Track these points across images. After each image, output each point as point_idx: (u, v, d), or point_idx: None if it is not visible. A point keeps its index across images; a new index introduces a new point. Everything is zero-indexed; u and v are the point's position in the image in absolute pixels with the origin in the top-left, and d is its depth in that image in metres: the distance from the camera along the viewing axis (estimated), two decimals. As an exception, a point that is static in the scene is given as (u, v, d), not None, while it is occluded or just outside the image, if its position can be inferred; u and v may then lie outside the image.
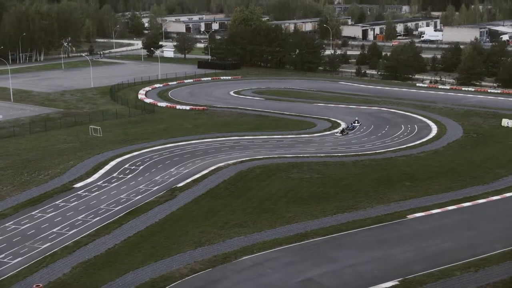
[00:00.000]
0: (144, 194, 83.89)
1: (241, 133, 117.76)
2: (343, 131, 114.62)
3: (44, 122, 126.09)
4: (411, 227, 72.11)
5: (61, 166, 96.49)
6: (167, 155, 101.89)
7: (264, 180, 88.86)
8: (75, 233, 70.92)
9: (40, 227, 72.70)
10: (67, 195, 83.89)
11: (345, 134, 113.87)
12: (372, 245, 67.43)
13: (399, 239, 68.70)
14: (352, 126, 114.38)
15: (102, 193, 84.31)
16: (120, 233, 70.85)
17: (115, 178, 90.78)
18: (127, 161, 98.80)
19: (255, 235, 69.40)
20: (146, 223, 73.53)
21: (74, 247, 67.11)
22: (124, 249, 66.52)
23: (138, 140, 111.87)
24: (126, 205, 79.82)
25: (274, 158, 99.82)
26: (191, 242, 67.80)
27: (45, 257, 65.06)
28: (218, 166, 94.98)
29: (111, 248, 66.73)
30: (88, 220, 74.73)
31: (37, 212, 77.60)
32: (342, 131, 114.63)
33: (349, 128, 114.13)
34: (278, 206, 78.44)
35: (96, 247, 67.14)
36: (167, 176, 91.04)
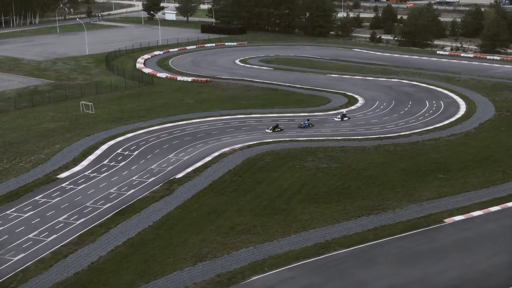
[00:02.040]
0: (138, 187, 72.93)
1: (248, 110, 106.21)
2: (344, 116, 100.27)
3: (31, 96, 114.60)
4: (450, 235, 61.09)
5: (46, 150, 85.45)
6: (166, 138, 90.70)
7: (275, 170, 77.71)
8: (54, 240, 60.15)
9: (15, 232, 61.94)
10: (49, 188, 72.96)
11: (346, 119, 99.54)
12: (407, 260, 56.54)
13: (438, 253, 57.68)
14: (305, 124, 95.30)
15: (89, 186, 73.37)
16: (106, 240, 60.10)
17: (106, 167, 79.77)
18: (120, 144, 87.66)
19: (266, 245, 58.50)
20: (138, 227, 62.70)
21: (52, 260, 56.37)
22: (111, 264, 55.76)
23: (133, 119, 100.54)
24: (116, 202, 68.93)
25: (285, 142, 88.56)
26: (190, 255, 56.98)
27: (16, 273, 54.34)
28: (223, 152, 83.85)
29: (94, 262, 55.99)
30: (71, 222, 63.92)
31: (12, 211, 66.77)
32: (343, 116, 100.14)
33: (301, 125, 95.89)
34: (292, 205, 67.42)
35: (78, 260, 56.40)
36: (164, 164, 79.99)
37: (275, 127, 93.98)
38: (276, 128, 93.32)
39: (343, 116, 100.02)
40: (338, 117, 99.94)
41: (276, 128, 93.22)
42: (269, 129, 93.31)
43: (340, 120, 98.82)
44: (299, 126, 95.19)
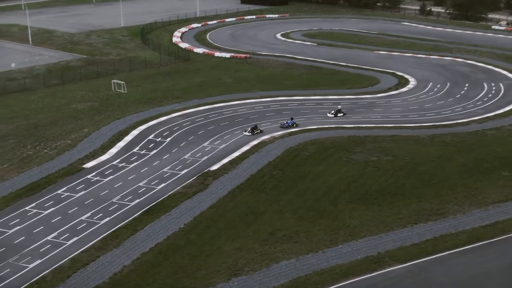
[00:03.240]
0: (169, 180, 66.57)
1: (290, 91, 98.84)
2: (339, 111, 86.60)
3: (61, 73, 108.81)
4: (521, 249, 53.44)
5: (73, 135, 79.58)
6: (201, 122, 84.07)
7: (319, 163, 70.51)
8: (75, 244, 54.16)
9: (32, 232, 56.17)
10: (73, 180, 67.06)
11: (340, 115, 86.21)
12: (470, 283, 49.03)
13: (509, 275, 50.06)
14: (287, 124, 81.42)
15: (117, 179, 67.25)
16: (132, 245, 53.87)
17: (136, 155, 73.55)
18: (152, 129, 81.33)
19: (310, 257, 51.56)
20: (167, 230, 56.33)
21: (70, 269, 50.36)
22: (135, 276, 49.53)
23: (167, 100, 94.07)
24: (144, 198, 62.72)
25: (330, 129, 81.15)
26: (224, 267, 50.41)
27: (30, 284, 48.50)
28: (262, 140, 76.93)
29: (117, 273, 49.81)
30: (94, 222, 57.90)
31: (32, 207, 61.04)
32: (338, 112, 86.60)
33: (284, 125, 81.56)
34: (339, 207, 60.28)
35: (99, 269, 50.29)
36: (199, 154, 73.44)
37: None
38: (255, 129, 79.24)
39: (338, 111, 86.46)
40: (332, 112, 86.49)
41: (254, 130, 79.12)
42: (248, 131, 79.15)
43: (334, 116, 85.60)
44: (281, 126, 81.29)
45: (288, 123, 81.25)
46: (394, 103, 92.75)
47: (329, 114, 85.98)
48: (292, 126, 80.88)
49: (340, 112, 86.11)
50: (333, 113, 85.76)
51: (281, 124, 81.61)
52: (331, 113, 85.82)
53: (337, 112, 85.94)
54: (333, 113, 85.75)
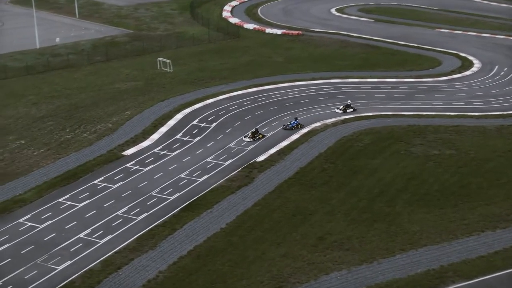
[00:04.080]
0: (212, 172, 62.08)
1: (344, 73, 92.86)
2: (348, 107, 76.63)
3: (106, 48, 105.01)
4: None
5: (115, 117, 75.70)
6: (248, 106, 79.18)
7: (375, 156, 64.92)
8: (109, 244, 50.20)
9: (64, 228, 52.45)
10: (112, 168, 63.20)
11: (349, 111, 76.38)
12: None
13: None
14: (291, 125, 71.60)
15: (157, 168, 63.12)
16: (169, 247, 49.58)
17: (178, 142, 69.24)
18: (197, 113, 76.84)
19: (363, 269, 46.36)
20: (208, 231, 51.82)
21: (101, 273, 46.37)
22: (170, 284, 45.15)
23: (214, 80, 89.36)
24: (185, 191, 58.40)
25: (388, 117, 75.22)
26: (267, 277, 45.68)
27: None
28: (313, 128, 71.65)
29: (151, 280, 45.59)
30: (131, 218, 53.83)
31: (66, 198, 57.38)
32: (347, 107, 76.67)
33: (287, 126, 71.72)
34: (397, 209, 54.75)
35: (132, 275, 46.15)
36: (245, 142, 68.67)
37: (254, 133, 69.53)
38: (256, 134, 69.28)
39: (347, 106, 76.48)
40: (340, 108, 76.76)
41: (255, 135, 69.17)
42: (248, 137, 69.16)
43: (343, 112, 75.88)
44: (284, 128, 71.50)
45: (292, 124, 71.24)
46: (457, 88, 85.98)
47: (337, 110, 76.17)
48: (296, 127, 70.91)
49: (350, 108, 75.97)
50: (342, 109, 76.02)
51: (284, 125, 71.76)
52: (339, 109, 76.14)
53: (346, 108, 75.91)
54: (341, 109, 76.00)
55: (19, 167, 63.74)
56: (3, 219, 53.90)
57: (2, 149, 68.40)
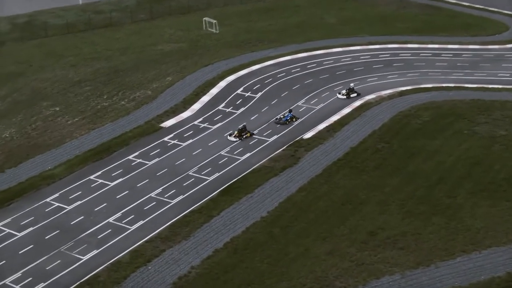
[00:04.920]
0: (255, 149, 57.36)
1: (402, 37, 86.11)
2: (351, 91, 67.30)
3: (150, 5, 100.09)
4: None
5: (155, 84, 71.31)
6: (297, 74, 73.77)
7: (434, 136, 59.00)
8: (139, 230, 46.15)
9: (93, 211, 48.63)
10: (148, 142, 59.07)
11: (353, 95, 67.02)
12: None
13: None
14: (285, 118, 62.10)
15: (196, 143, 58.71)
16: (204, 237, 45.21)
17: (220, 114, 64.58)
18: (242, 81, 71.86)
19: (419, 273, 41.14)
20: (247, 219, 47.21)
21: (129, 266, 42.35)
22: (202, 283, 40.84)
23: (262, 44, 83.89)
24: (225, 171, 53.89)
25: (449, 90, 68.82)
26: (310, 279, 40.93)
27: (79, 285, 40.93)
28: (367, 101, 65.99)
29: (182, 276, 41.37)
30: (165, 201, 49.64)
31: (98, 176, 53.55)
32: (350, 92, 67.34)
33: (281, 120, 62.06)
34: (458, 200, 49.04)
35: (161, 270, 42.01)
36: (291, 116, 63.54)
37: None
38: (243, 132, 59.48)
39: (350, 91, 67.27)
40: (342, 93, 67.41)
41: (242, 133, 59.38)
42: (233, 135, 59.51)
43: (346, 97, 66.79)
44: (276, 122, 62.07)
45: (286, 117, 61.93)
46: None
47: (339, 95, 67.13)
48: (290, 120, 61.84)
49: (353, 92, 66.98)
50: (345, 94, 66.89)
51: (276, 118, 62.33)
52: (342, 94, 67.11)
53: (349, 92, 66.88)
54: (344, 94, 66.92)
55: (51, 138, 60.16)
56: (29, 198, 50.43)
57: (36, 116, 64.96)
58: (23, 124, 63.20)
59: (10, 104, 68.46)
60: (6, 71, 79.50)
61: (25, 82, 75.14)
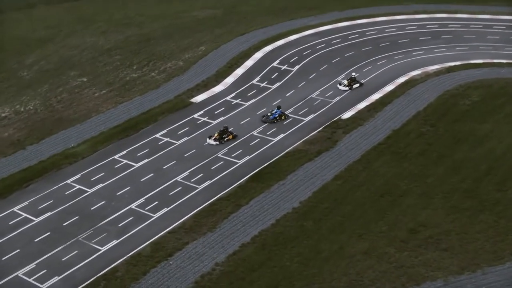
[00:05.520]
0: (290, 130, 53.87)
1: (452, 6, 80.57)
2: (352, 81, 60.26)
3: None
4: None
5: (187, 54, 67.93)
6: (338, 45, 69.56)
7: (484, 119, 54.58)
8: (162, 219, 43.30)
9: (115, 195, 45.86)
10: (177, 119, 56.06)
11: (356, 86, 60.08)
12: None
13: None
14: (273, 116, 55.07)
15: (228, 122, 55.37)
16: (230, 229, 42.10)
17: (254, 89, 61.06)
18: (278, 52, 68.00)
19: (464, 280, 37.34)
20: (278, 210, 43.84)
21: (149, 260, 39.50)
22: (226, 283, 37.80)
23: (302, 11, 79.36)
24: (256, 154, 50.64)
25: (502, 66, 63.89)
26: (344, 282, 37.51)
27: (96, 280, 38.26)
28: (411, 77, 61.60)
29: (205, 274, 38.39)
30: (191, 187, 46.58)
31: (122, 156, 50.74)
32: (352, 82, 60.17)
33: (268, 117, 54.99)
34: (509, 194, 44.78)
35: (183, 266, 39.02)
36: (330, 92, 59.80)
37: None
38: (224, 134, 52.25)
39: (352, 80, 60.28)
40: (343, 84, 60.33)
41: (223, 135, 52.18)
42: (213, 138, 52.16)
43: (348, 89, 59.80)
44: (263, 120, 54.93)
45: (274, 114, 55.12)
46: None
47: (340, 86, 60.00)
48: (279, 118, 54.89)
49: (355, 82, 60.24)
50: (346, 84, 59.80)
51: (263, 116, 55.35)
52: (343, 84, 59.95)
53: (351, 82, 59.98)
54: (345, 85, 59.82)
55: (76, 111, 57.50)
56: (50, 178, 47.91)
57: (62, 87, 62.33)
58: (48, 96, 60.61)
59: (37, 72, 65.86)
60: (36, 36, 77.01)
61: (53, 48, 72.47)
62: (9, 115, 57.46)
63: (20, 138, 53.24)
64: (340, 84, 60.13)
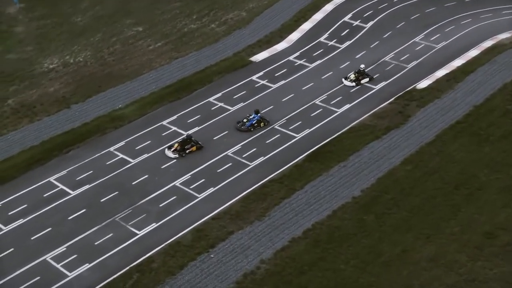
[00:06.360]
0: (357, 100, 48.56)
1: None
2: (361, 74, 49.89)
3: None
4: None
5: (252, 3, 62.61)
6: None
7: None
8: (207, 201, 39.31)
9: (159, 169, 41.97)
10: (233, 81, 51.48)
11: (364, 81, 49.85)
12: None
13: None
14: (249, 122, 45.19)
15: (287, 87, 50.55)
16: (281, 220, 37.58)
17: (321, 48, 55.59)
18: (351, 5, 61.74)
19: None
20: (336, 199, 38.99)
21: (187, 253, 35.49)
22: (270, 286, 33.68)
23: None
24: (316, 128, 45.66)
25: None
26: (405, 295, 32.91)
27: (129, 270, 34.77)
28: (500, 41, 54.82)
29: (248, 274, 34.20)
30: (243, 163, 42.24)
31: (172, 121, 46.73)
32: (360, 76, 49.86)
33: (243, 124, 45.22)
34: None
35: (225, 261, 34.95)
36: (406, 56, 53.86)
37: (184, 142, 43.21)
38: (187, 145, 43.13)
39: (359, 74, 50.00)
40: (349, 78, 49.92)
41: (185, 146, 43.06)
42: (172, 150, 43.13)
43: (355, 84, 49.50)
44: (238, 128, 45.17)
45: (251, 121, 45.37)
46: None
47: (345, 80, 49.96)
48: (257, 125, 45.21)
49: (365, 76, 50.01)
50: (353, 79, 49.54)
51: (238, 122, 45.59)
52: (349, 79, 49.79)
53: (358, 76, 49.80)
54: (352, 79, 49.57)
55: (127, 66, 53.52)
56: (92, 144, 44.42)
57: (116, 37, 58.30)
58: (100, 47, 56.68)
59: (90, 19, 61.83)
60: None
61: (111, -8, 68.15)
62: (57, 67, 53.95)
63: (65, 95, 49.76)
64: (346, 78, 49.98)
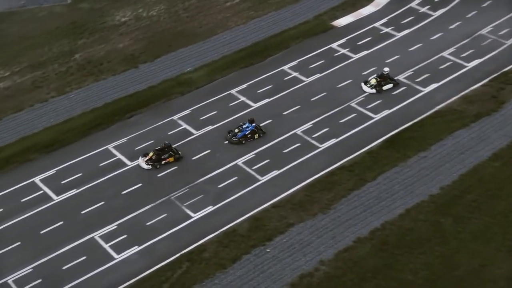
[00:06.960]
0: (445, 79, 44.04)
1: None
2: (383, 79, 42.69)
3: None
4: None
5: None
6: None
7: None
8: (269, 184, 36.46)
9: (221, 144, 39.30)
10: (311, 48, 47.94)
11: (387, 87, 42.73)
12: None
13: None
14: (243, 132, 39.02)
15: (368, 59, 46.84)
16: (348, 215, 34.29)
17: (411, 16, 50.91)
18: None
19: None
20: (411, 195, 35.28)
21: (242, 244, 32.93)
22: (330, 290, 30.86)
23: None
24: (398, 108, 41.71)
25: None
26: (478, 319, 29.28)
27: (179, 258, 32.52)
28: None
29: (306, 275, 31.20)
30: (311, 145, 38.95)
31: (240, 91, 43.75)
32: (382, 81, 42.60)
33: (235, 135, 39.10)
34: None
35: (282, 258, 32.12)
36: (505, 30, 48.06)
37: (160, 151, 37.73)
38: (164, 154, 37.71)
39: (381, 79, 42.78)
40: (371, 83, 42.73)
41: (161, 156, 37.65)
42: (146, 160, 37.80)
43: (376, 91, 42.37)
44: (229, 139, 39.25)
45: (244, 131, 39.48)
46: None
47: (365, 86, 42.93)
48: (250, 136, 39.33)
49: (388, 81, 42.87)
50: (374, 84, 42.54)
51: (230, 132, 39.69)
52: (369, 84, 42.77)
53: (380, 81, 42.78)
54: (373, 84, 42.55)
55: (201, 24, 50.62)
56: (156, 110, 42.32)
57: (192, -11, 55.19)
58: (175, 1, 53.68)
59: (170, -32, 58.88)
60: None
61: None
62: (129, 20, 51.65)
63: (134, 52, 47.56)
64: (366, 83, 43.22)
